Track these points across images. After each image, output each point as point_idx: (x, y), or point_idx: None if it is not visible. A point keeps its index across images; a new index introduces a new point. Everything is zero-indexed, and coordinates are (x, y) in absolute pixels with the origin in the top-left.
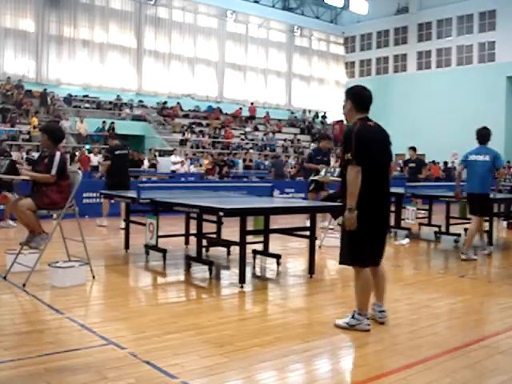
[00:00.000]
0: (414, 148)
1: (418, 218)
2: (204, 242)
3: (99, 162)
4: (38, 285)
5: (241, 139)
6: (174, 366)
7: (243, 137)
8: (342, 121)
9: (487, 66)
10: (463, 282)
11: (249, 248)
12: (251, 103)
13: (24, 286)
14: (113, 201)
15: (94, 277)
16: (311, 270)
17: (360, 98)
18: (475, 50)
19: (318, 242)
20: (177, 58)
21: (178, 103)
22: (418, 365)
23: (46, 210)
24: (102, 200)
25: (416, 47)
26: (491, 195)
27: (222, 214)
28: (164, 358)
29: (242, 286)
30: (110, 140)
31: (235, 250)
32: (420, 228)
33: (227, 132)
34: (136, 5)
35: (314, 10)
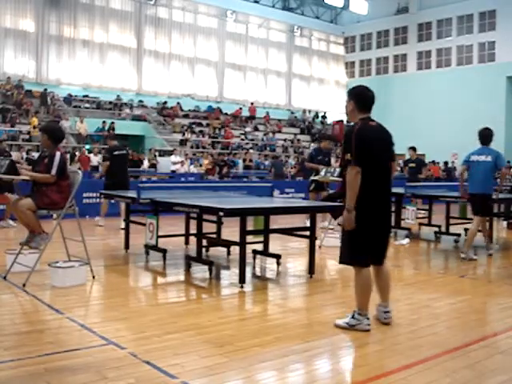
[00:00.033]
0: (414, 148)
1: (418, 217)
2: (204, 242)
3: (99, 162)
4: (38, 285)
5: (241, 139)
6: (174, 366)
7: (243, 137)
8: (342, 121)
9: (487, 65)
10: (463, 282)
11: (249, 248)
12: (251, 103)
13: (24, 286)
14: (113, 201)
15: (94, 277)
16: (311, 270)
17: (362, 98)
18: (475, 50)
19: (318, 242)
20: (177, 58)
21: (178, 103)
22: (418, 365)
23: (45, 209)
24: (101, 200)
25: (416, 47)
26: (494, 196)
27: (222, 213)
28: (164, 357)
29: (242, 286)
30: (108, 141)
31: (235, 250)
32: (420, 228)
33: (227, 132)
34: (136, 5)
35: (314, 10)
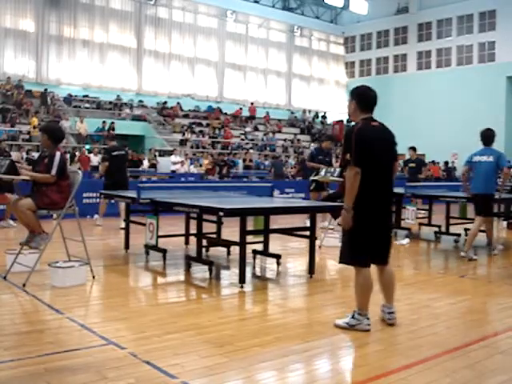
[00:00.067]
0: (414, 148)
1: (418, 217)
2: (204, 242)
3: (99, 162)
4: (38, 285)
5: (241, 139)
6: (174, 366)
7: (243, 137)
8: (342, 121)
9: (487, 65)
10: (463, 282)
11: (249, 248)
12: (251, 103)
13: (24, 286)
14: (113, 201)
15: (94, 277)
16: (311, 270)
17: (365, 98)
18: (475, 50)
19: (318, 242)
20: (177, 58)
21: (178, 103)
22: (418, 365)
23: (46, 209)
24: (100, 200)
25: (416, 47)
26: (496, 196)
27: (221, 213)
28: (164, 357)
29: (242, 286)
30: (107, 141)
31: (235, 250)
32: (420, 228)
33: (226, 132)
34: (136, 5)
35: (314, 10)
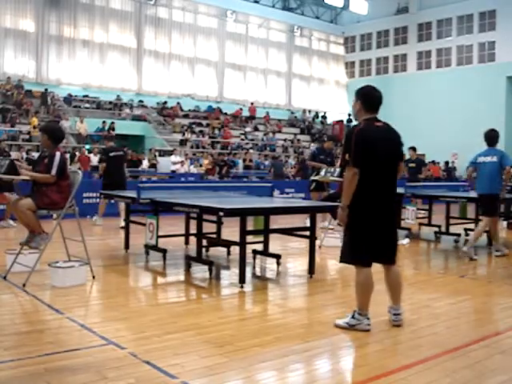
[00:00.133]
0: (414, 148)
1: (418, 217)
2: (204, 242)
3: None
4: (38, 285)
5: (241, 139)
6: (174, 366)
7: (243, 137)
8: (342, 121)
9: (487, 65)
10: (463, 282)
11: (249, 248)
12: (251, 103)
13: (24, 286)
14: (113, 201)
15: (94, 277)
16: (311, 270)
17: (369, 99)
18: (475, 50)
19: (318, 242)
20: (177, 58)
21: (178, 103)
22: (418, 365)
23: (46, 209)
24: (100, 200)
25: (416, 47)
26: (500, 195)
27: (221, 213)
28: (164, 357)
29: (242, 286)
30: (105, 141)
31: (235, 250)
32: (420, 228)
33: (226, 132)
34: (136, 5)
35: (314, 10)
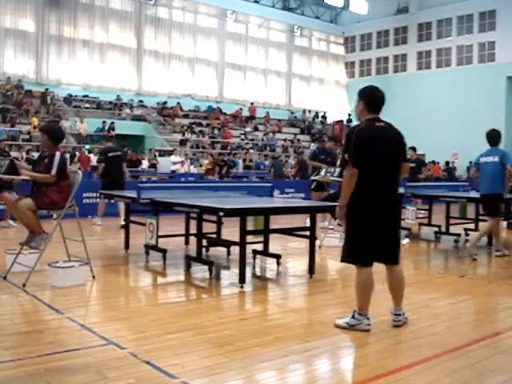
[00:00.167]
0: (414, 148)
1: (418, 217)
2: (204, 242)
3: None
4: (38, 285)
5: (241, 139)
6: (174, 366)
7: (243, 137)
8: (342, 121)
9: (487, 65)
10: (463, 282)
11: (249, 248)
12: (251, 103)
13: (24, 286)
14: (112, 201)
15: (93, 277)
16: (311, 270)
17: (372, 99)
18: (475, 50)
19: (318, 242)
20: (177, 58)
21: (178, 103)
22: (418, 365)
23: (46, 209)
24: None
25: (416, 47)
26: (505, 195)
27: (221, 213)
28: (164, 357)
29: (242, 286)
30: (104, 142)
31: (235, 250)
32: (420, 228)
33: (225, 132)
34: (136, 5)
35: (314, 10)
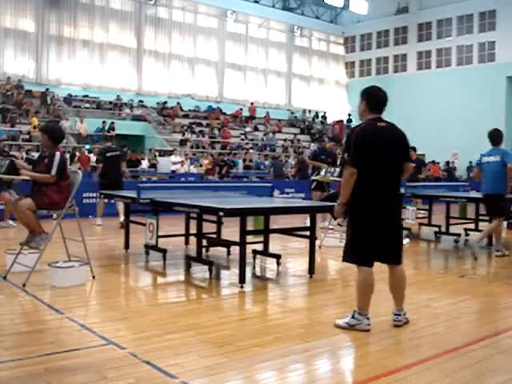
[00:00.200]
0: (414, 148)
1: (418, 217)
2: (204, 242)
3: None
4: (38, 285)
5: (241, 139)
6: (174, 366)
7: (243, 137)
8: (342, 121)
9: (487, 65)
10: (463, 282)
11: (249, 248)
12: (251, 103)
13: (24, 286)
14: (112, 201)
15: (93, 277)
16: (311, 270)
17: (374, 99)
18: (475, 50)
19: (318, 242)
20: (177, 58)
21: (178, 103)
22: (418, 365)
23: (46, 209)
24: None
25: (416, 47)
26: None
27: (221, 213)
28: (164, 357)
29: (242, 286)
30: (102, 142)
31: (235, 250)
32: (420, 228)
33: (225, 132)
34: (136, 5)
35: (314, 10)
